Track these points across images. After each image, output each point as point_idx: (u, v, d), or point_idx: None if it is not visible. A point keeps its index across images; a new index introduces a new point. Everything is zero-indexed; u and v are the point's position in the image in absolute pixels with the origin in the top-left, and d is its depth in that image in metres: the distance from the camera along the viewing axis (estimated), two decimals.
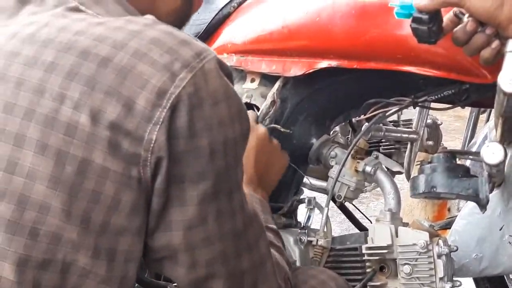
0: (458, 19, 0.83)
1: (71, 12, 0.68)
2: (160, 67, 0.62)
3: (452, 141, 2.75)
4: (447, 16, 0.84)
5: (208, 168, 0.64)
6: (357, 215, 1.65)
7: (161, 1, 0.77)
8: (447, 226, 1.29)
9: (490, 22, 0.79)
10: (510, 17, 0.77)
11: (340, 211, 1.60)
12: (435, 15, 0.81)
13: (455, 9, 0.83)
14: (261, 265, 0.71)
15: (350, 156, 1.12)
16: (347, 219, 1.60)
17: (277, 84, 1.16)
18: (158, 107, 0.61)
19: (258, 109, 1.17)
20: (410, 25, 0.83)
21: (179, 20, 0.80)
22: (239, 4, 1.25)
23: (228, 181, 0.66)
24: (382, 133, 1.40)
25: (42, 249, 0.60)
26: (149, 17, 0.68)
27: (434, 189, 0.99)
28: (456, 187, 0.97)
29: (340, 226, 2.37)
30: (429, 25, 0.81)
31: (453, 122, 3.19)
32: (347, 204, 1.46)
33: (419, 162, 1.35)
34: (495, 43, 0.81)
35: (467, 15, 0.82)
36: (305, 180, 1.47)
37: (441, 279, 1.00)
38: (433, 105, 1.20)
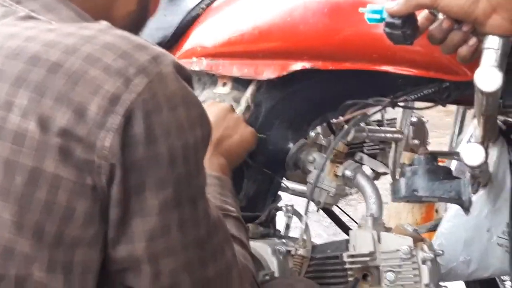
0: (433, 16, 0.82)
1: (21, 21, 0.67)
2: (113, 72, 0.61)
3: (442, 137, 2.74)
4: (422, 14, 0.82)
5: (168, 175, 0.63)
6: (344, 218, 1.64)
7: (116, 6, 0.75)
8: (435, 228, 1.27)
9: (466, 19, 0.77)
10: (486, 12, 0.75)
11: (326, 215, 1.59)
12: (408, 18, 0.80)
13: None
14: (227, 272, 0.70)
15: (329, 160, 1.10)
16: (333, 222, 1.59)
17: (250, 88, 1.14)
18: (111, 113, 0.60)
19: None
20: (384, 30, 0.81)
21: (135, 25, 0.79)
22: (208, 6, 1.22)
23: (190, 188, 0.66)
24: (365, 134, 1.39)
25: None
26: (103, 23, 0.67)
27: (416, 192, 0.98)
28: (437, 190, 0.96)
29: (327, 231, 2.36)
30: (403, 29, 0.79)
31: (443, 117, 3.18)
32: (334, 207, 1.46)
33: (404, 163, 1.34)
34: (472, 40, 0.80)
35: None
36: (286, 184, 1.45)
37: (426, 285, 0.99)
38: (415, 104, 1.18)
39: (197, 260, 0.67)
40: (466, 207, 0.96)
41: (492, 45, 0.77)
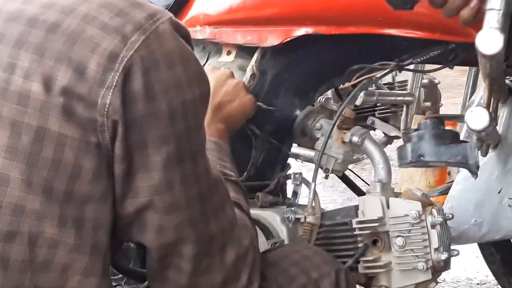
0: None
1: None
2: (111, 30, 0.63)
3: (457, 97, 2.72)
4: None
5: (169, 131, 0.65)
6: (359, 183, 1.65)
7: None
8: (447, 191, 1.28)
9: None
10: None
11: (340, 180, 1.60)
12: None
13: None
14: (229, 229, 0.72)
15: (336, 126, 1.11)
16: (348, 187, 1.61)
17: (255, 56, 1.14)
18: (111, 70, 0.62)
19: None
20: None
21: None
22: None
23: (191, 145, 0.67)
24: (375, 98, 1.39)
25: (6, 221, 0.61)
26: None
27: (422, 157, 0.98)
28: (444, 155, 0.96)
29: (342, 196, 2.38)
30: None
31: (458, 77, 3.15)
32: (348, 171, 1.47)
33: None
34: (474, 2, 0.79)
35: None
36: (296, 151, 1.46)
37: (436, 249, 1.00)
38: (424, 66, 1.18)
39: (199, 216, 0.69)
40: (473, 171, 0.97)
41: (494, 6, 0.76)
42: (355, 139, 1.11)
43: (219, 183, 0.72)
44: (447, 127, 1.04)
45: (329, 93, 1.63)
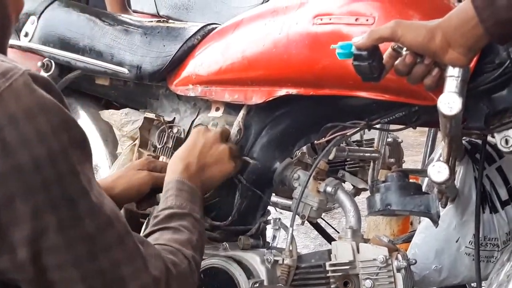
0: (397, 53, 0.83)
1: None
2: None
3: (417, 155, 2.76)
4: (386, 52, 0.84)
5: (36, 182, 0.61)
6: (330, 230, 1.65)
7: None
8: (410, 239, 1.29)
9: (426, 53, 0.80)
10: (443, 47, 0.77)
11: (313, 227, 1.60)
12: (373, 51, 0.82)
13: (393, 44, 0.83)
14: (128, 261, 0.68)
15: (312, 177, 1.12)
16: (320, 234, 1.60)
17: (241, 112, 1.16)
18: None
19: None
20: (352, 63, 0.83)
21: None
22: (203, 37, 1.25)
23: (67, 189, 0.63)
24: (346, 153, 1.41)
25: None
26: None
27: (389, 206, 0.99)
28: (409, 204, 0.97)
29: (314, 242, 2.37)
30: (369, 61, 0.81)
31: (418, 137, 3.21)
32: (320, 220, 1.47)
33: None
34: (435, 71, 0.82)
35: (405, 48, 0.82)
36: (275, 199, 1.46)
37: None
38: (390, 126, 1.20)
39: (85, 254, 0.65)
40: (434, 220, 0.98)
41: (453, 73, 0.79)
42: (329, 189, 1.11)
43: (114, 219, 0.68)
44: (411, 180, 1.06)
45: (304, 148, 1.65)
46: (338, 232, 1.70)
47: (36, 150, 0.62)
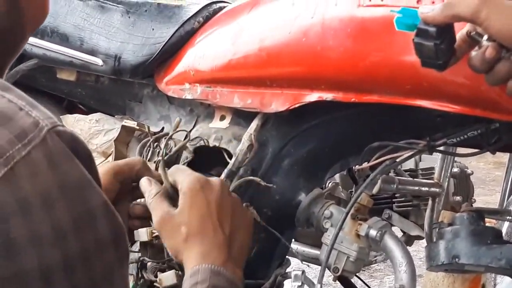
0: (474, 41, 0.84)
1: None
2: None
3: (491, 195, 2.75)
4: (459, 34, 0.85)
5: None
6: None
7: None
8: None
9: None
10: None
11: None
12: (444, 29, 0.82)
13: (469, 28, 0.84)
14: None
15: (349, 216, 1.12)
16: None
17: (254, 123, 1.17)
18: None
19: (229, 155, 1.18)
20: (413, 40, 0.83)
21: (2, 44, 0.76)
22: (206, 19, 1.26)
23: None
24: (395, 186, 1.41)
25: None
26: None
27: (457, 259, 0.99)
28: (484, 257, 0.97)
29: None
30: (437, 41, 0.81)
31: (492, 170, 3.20)
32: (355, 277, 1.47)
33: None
34: None
35: (485, 36, 0.82)
36: (294, 247, 1.46)
37: None
38: (458, 149, 1.20)
39: None
40: None
41: None
42: (373, 233, 1.11)
43: None
44: (487, 225, 1.06)
45: (338, 177, 1.66)
46: None
47: (47, 253, 0.64)
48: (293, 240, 1.39)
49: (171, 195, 1.00)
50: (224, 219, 0.99)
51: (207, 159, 1.23)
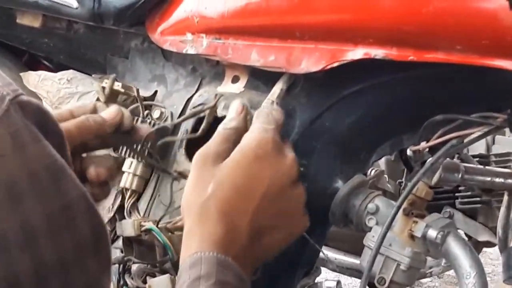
0: None
1: None
2: None
3: None
4: None
5: None
6: None
7: None
8: None
9: None
10: None
11: None
12: None
13: None
14: None
15: (401, 211, 1.13)
16: None
17: (277, 87, 1.18)
18: None
19: None
20: None
21: None
22: None
23: None
24: (459, 176, 1.42)
25: None
26: None
27: None
28: None
29: None
30: None
31: None
32: None
33: None
34: None
35: None
36: (325, 254, 1.47)
37: None
38: None
39: None
40: None
41: None
42: (433, 233, 1.11)
43: None
44: None
45: (383, 163, 1.67)
46: None
47: (15, 259, 0.66)
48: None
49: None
50: (267, 210, 1.00)
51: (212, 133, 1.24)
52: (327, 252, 1.38)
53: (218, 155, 1.01)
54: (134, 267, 1.19)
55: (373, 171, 1.48)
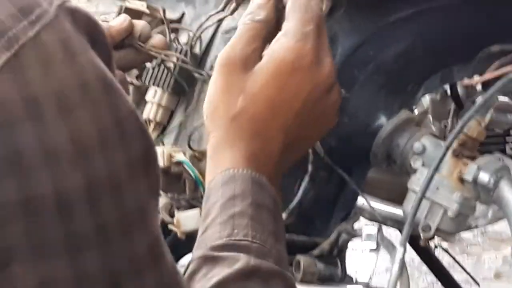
0: None
1: None
2: None
3: None
4: None
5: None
6: (457, 274, 1.67)
7: None
8: None
9: None
10: None
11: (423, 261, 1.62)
12: None
13: None
14: None
15: (451, 152, 1.13)
16: (435, 277, 1.65)
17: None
18: None
19: None
20: None
21: None
22: None
23: None
24: None
25: None
26: None
27: None
28: None
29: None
30: None
31: None
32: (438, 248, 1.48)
33: None
34: None
35: None
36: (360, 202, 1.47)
37: None
38: None
39: None
40: None
41: None
42: (485, 177, 1.11)
43: None
44: None
45: (426, 101, 1.66)
46: (474, 280, 1.73)
47: (65, 174, 0.66)
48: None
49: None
50: (301, 125, 1.00)
51: None
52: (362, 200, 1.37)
53: (246, 59, 0.99)
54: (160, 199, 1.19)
55: (417, 109, 1.46)
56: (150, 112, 1.29)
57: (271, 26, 1.01)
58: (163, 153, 1.11)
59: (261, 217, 0.93)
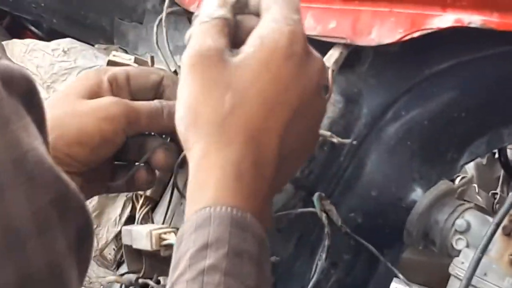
0: None
1: None
2: None
3: None
4: None
5: None
6: None
7: None
8: None
9: None
10: None
11: None
12: None
13: None
14: None
15: (500, 230, 1.12)
16: None
17: (336, 50, 1.15)
18: None
19: None
20: None
21: None
22: None
23: None
24: None
25: None
26: None
27: None
28: None
29: None
30: None
31: None
32: None
33: None
34: None
35: None
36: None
37: None
38: None
39: None
40: None
41: None
42: None
43: None
44: None
45: (471, 168, 1.65)
46: None
47: None
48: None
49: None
50: (295, 130, 0.98)
51: None
52: (397, 285, 1.38)
53: (223, 51, 0.97)
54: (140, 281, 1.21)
55: (459, 178, 1.46)
56: None
57: (231, 25, 1.00)
58: (150, 234, 1.10)
59: (239, 269, 0.91)
